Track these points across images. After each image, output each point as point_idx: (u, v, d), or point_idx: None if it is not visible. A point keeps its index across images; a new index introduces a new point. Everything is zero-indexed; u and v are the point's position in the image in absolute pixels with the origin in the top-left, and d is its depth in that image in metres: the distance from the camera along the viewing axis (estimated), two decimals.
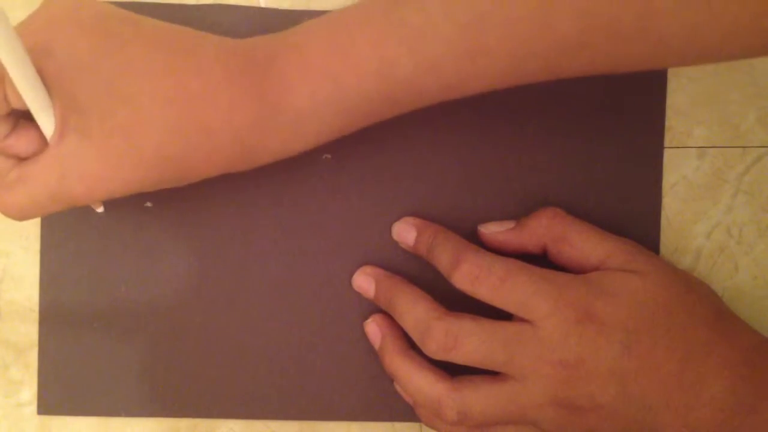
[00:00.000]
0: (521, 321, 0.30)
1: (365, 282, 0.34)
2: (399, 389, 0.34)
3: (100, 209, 0.28)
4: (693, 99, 0.35)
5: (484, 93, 0.28)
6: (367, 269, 0.35)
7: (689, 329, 0.30)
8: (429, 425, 0.33)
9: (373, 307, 0.35)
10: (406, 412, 0.35)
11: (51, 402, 0.35)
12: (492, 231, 0.34)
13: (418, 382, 0.31)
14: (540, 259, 0.32)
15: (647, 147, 0.35)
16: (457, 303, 0.30)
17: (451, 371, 0.31)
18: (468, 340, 0.29)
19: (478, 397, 0.30)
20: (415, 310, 0.31)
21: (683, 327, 0.30)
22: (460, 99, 0.28)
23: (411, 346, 0.32)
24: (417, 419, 0.34)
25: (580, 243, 0.32)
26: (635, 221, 0.35)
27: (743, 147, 0.35)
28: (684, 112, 0.35)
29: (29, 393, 0.36)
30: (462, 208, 0.35)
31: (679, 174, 0.35)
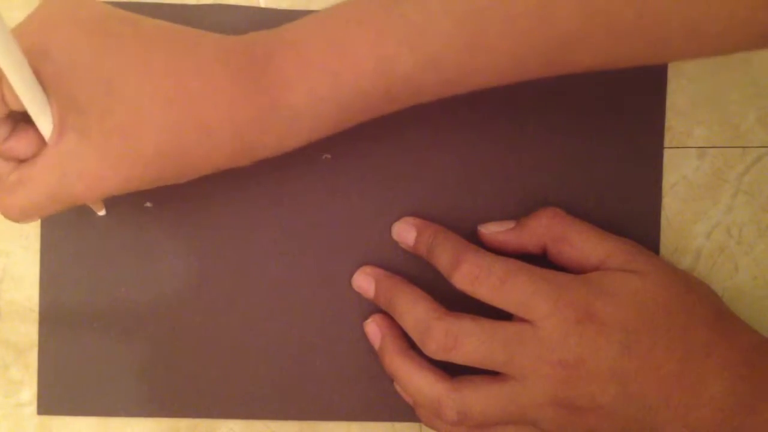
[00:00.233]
0: (521, 321, 0.30)
1: (365, 282, 0.34)
2: (399, 389, 0.34)
3: (101, 212, 0.28)
4: (693, 99, 0.35)
5: (483, 91, 0.28)
6: (367, 269, 0.35)
7: (689, 329, 0.30)
8: (429, 425, 0.33)
9: (373, 307, 0.35)
10: (406, 412, 0.35)
11: (51, 402, 0.35)
12: (492, 231, 0.34)
13: (417, 382, 0.31)
14: (540, 259, 0.32)
15: (647, 147, 0.35)
16: (457, 303, 0.30)
17: (451, 371, 0.31)
18: (468, 340, 0.29)
19: (477, 397, 0.30)
20: (415, 310, 0.31)
21: (683, 327, 0.30)
22: (459, 98, 0.28)
23: (411, 346, 0.32)
24: (417, 419, 0.34)
25: (580, 243, 0.32)
26: (635, 221, 0.35)
27: (743, 147, 0.35)
28: (684, 112, 0.35)
29: (29, 393, 0.36)
30: (462, 208, 0.35)
31: (679, 174, 0.35)
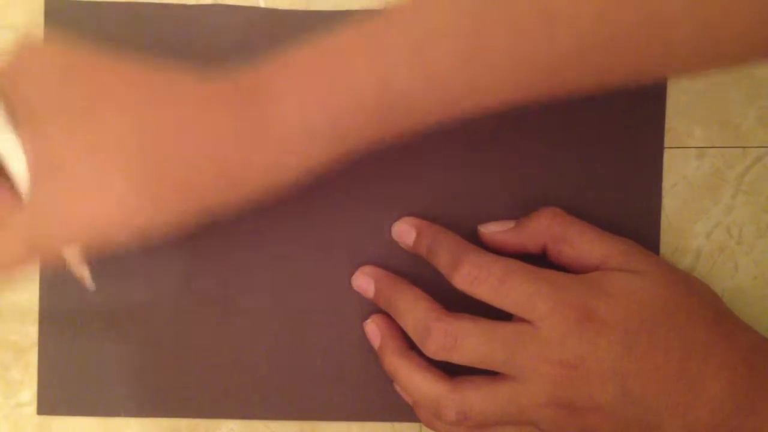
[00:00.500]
0: (521, 321, 0.30)
1: (365, 282, 0.34)
2: (399, 389, 0.34)
3: (93, 288, 0.27)
4: (693, 99, 0.35)
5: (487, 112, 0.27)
6: (367, 269, 0.35)
7: (689, 329, 0.30)
8: (428, 425, 0.33)
9: (373, 307, 0.35)
10: (406, 412, 0.35)
11: (51, 402, 0.35)
12: (492, 231, 0.34)
13: (417, 382, 0.31)
14: (540, 259, 0.32)
15: (647, 147, 0.35)
16: (457, 303, 0.30)
17: (451, 371, 0.31)
18: (467, 340, 0.29)
19: (477, 398, 0.30)
20: (415, 310, 0.31)
21: (683, 327, 0.30)
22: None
23: (411, 346, 0.32)
24: (417, 419, 0.34)
25: (580, 243, 0.32)
26: (635, 221, 0.35)
27: (743, 147, 0.35)
28: (684, 112, 0.35)
29: (29, 393, 0.36)
30: (462, 208, 0.35)
31: (679, 174, 0.35)
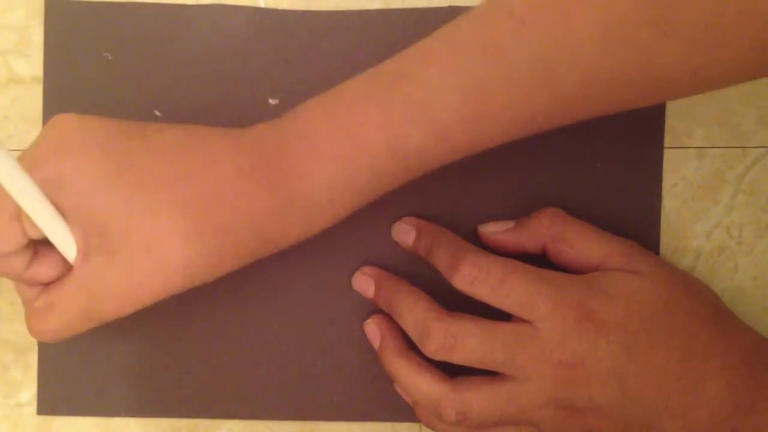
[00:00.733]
0: (521, 321, 0.30)
1: (365, 282, 0.34)
2: (399, 390, 0.34)
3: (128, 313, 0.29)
4: (693, 99, 0.35)
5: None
6: (367, 269, 0.35)
7: (689, 330, 0.30)
8: (428, 426, 0.33)
9: (373, 307, 0.35)
10: (406, 412, 0.35)
11: (51, 402, 0.35)
12: (492, 231, 0.34)
13: (417, 382, 0.31)
14: (540, 259, 0.32)
15: (647, 147, 0.35)
16: (457, 303, 0.30)
17: (451, 372, 0.31)
18: (467, 340, 0.29)
19: (477, 398, 0.30)
20: (415, 310, 0.31)
21: (683, 327, 0.30)
22: None
23: (411, 346, 0.32)
24: (417, 419, 0.34)
25: (580, 243, 0.32)
26: (635, 221, 0.35)
27: (743, 147, 0.35)
28: (684, 112, 0.35)
29: (29, 393, 0.36)
30: (462, 208, 0.35)
31: (679, 174, 0.35)
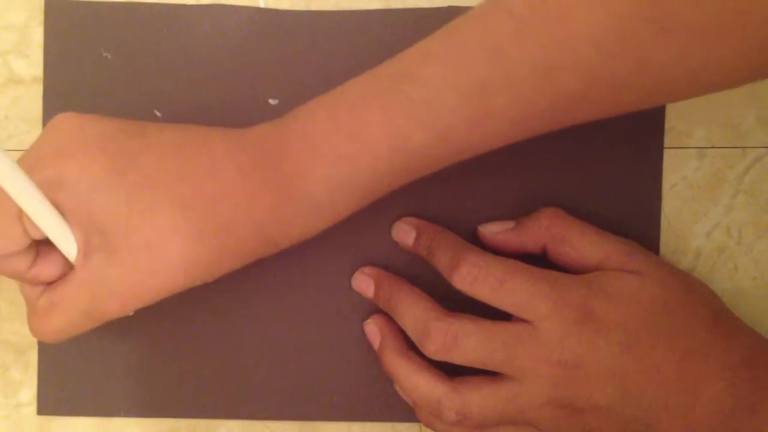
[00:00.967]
0: (521, 321, 0.30)
1: (364, 282, 0.34)
2: (398, 390, 0.34)
3: (130, 312, 0.29)
4: (693, 99, 0.34)
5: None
6: (366, 269, 0.35)
7: (688, 330, 0.30)
8: (428, 426, 0.33)
9: (373, 307, 0.35)
10: (406, 412, 0.35)
11: (51, 402, 0.35)
12: (492, 231, 0.34)
13: (417, 382, 0.31)
14: (540, 259, 0.32)
15: (647, 147, 0.35)
16: (457, 303, 0.30)
17: (451, 372, 0.31)
18: (467, 340, 0.29)
19: (477, 398, 0.30)
20: (414, 310, 0.31)
21: (682, 327, 0.30)
22: None
23: (410, 346, 0.32)
24: (417, 419, 0.34)
25: (580, 243, 0.32)
26: (635, 221, 0.35)
27: (743, 147, 0.35)
28: (684, 112, 0.35)
29: (29, 393, 0.36)
30: (462, 208, 0.35)
31: (679, 174, 0.35)
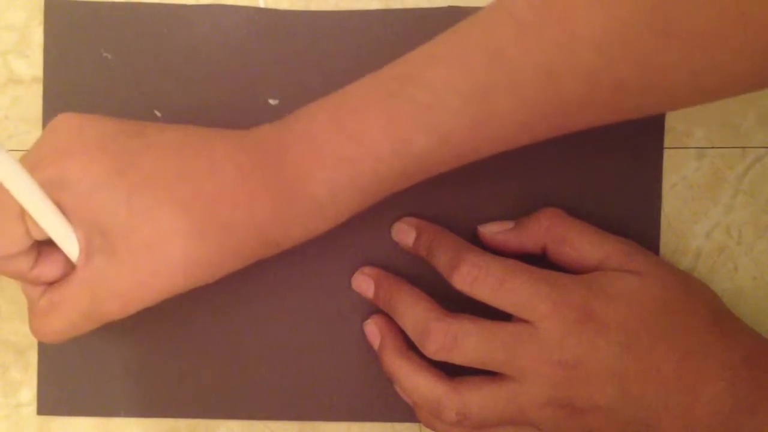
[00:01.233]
0: (521, 321, 0.30)
1: (364, 282, 0.34)
2: (398, 390, 0.34)
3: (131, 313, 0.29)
4: None
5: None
6: (366, 269, 0.35)
7: (688, 330, 0.30)
8: (428, 426, 0.33)
9: (373, 307, 0.35)
10: (406, 412, 0.35)
11: (51, 402, 0.35)
12: (491, 231, 0.34)
13: (417, 382, 0.31)
14: (540, 259, 0.32)
15: (647, 147, 0.35)
16: (458, 303, 0.30)
17: (450, 372, 0.31)
18: (467, 340, 0.29)
19: (477, 398, 0.30)
20: (414, 310, 0.31)
21: (682, 327, 0.30)
22: None
23: (410, 346, 0.32)
24: (417, 419, 0.34)
25: (579, 243, 0.32)
26: (635, 221, 0.35)
27: (743, 147, 0.35)
28: (684, 112, 0.35)
29: (29, 393, 0.36)
30: (462, 208, 0.35)
31: (679, 174, 0.35)
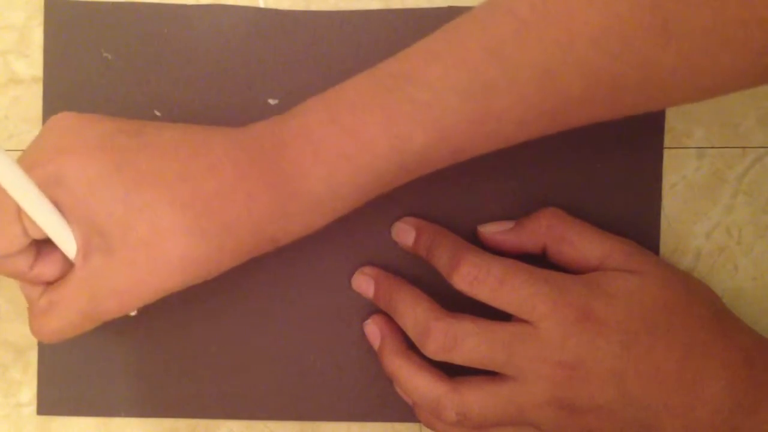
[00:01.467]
0: (521, 321, 0.30)
1: (364, 282, 0.34)
2: (398, 390, 0.34)
3: (133, 313, 0.29)
4: None
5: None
6: (367, 269, 0.35)
7: (688, 329, 0.30)
8: (428, 426, 0.33)
9: (373, 307, 0.35)
10: (406, 412, 0.35)
11: (51, 402, 0.35)
12: (491, 231, 0.34)
13: (417, 382, 0.31)
14: (540, 259, 0.32)
15: (647, 147, 0.35)
16: (458, 303, 0.30)
17: (451, 372, 0.31)
18: (467, 340, 0.29)
19: (477, 398, 0.30)
20: (415, 310, 0.31)
21: (682, 327, 0.30)
22: None
23: (410, 346, 0.32)
24: (417, 419, 0.34)
25: (579, 243, 0.32)
26: (635, 221, 0.35)
27: (743, 147, 0.35)
28: (684, 112, 0.35)
29: (29, 393, 0.36)
30: (462, 208, 0.35)
31: (679, 174, 0.35)
